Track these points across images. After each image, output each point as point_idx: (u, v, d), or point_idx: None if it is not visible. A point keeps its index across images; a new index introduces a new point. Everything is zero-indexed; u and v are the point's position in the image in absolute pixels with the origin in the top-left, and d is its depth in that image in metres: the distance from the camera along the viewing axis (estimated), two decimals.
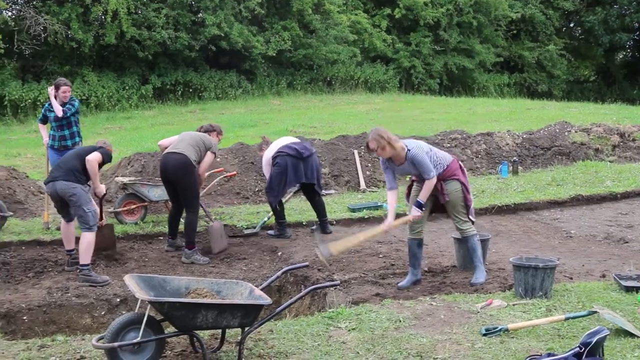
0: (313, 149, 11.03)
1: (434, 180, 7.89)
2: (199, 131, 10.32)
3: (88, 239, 8.79)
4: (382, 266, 9.08)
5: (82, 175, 8.81)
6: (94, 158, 8.83)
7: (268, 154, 10.81)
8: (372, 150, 7.82)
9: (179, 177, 9.68)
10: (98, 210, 9.24)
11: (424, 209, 7.99)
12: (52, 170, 9.16)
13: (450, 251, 9.45)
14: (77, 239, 9.27)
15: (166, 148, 9.99)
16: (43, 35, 27.21)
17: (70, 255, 9.41)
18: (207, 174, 10.58)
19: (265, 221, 11.31)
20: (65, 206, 8.92)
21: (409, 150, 7.83)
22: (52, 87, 11.17)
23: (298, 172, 10.61)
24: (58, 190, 8.72)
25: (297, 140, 11.12)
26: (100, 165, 9.03)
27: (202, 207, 10.54)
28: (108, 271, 9.37)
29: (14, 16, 27.88)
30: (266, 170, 10.89)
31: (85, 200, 8.73)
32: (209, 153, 9.84)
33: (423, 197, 7.90)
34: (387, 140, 7.70)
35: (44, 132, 11.37)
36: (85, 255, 8.81)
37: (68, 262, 9.44)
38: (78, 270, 8.97)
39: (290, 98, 30.87)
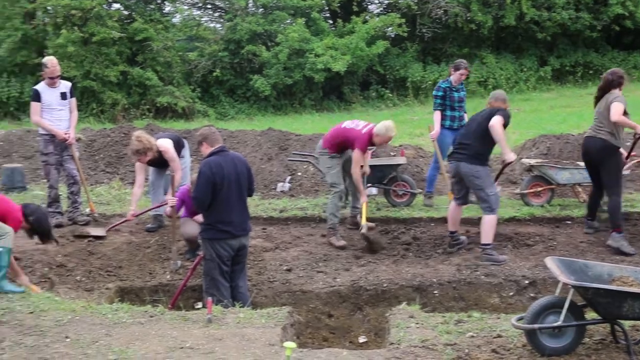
0: None
1: None
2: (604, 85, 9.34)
3: (489, 220, 8.94)
4: None
5: (484, 156, 8.94)
6: (497, 122, 8.71)
7: None
8: None
9: (600, 161, 9.34)
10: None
11: None
12: (453, 151, 9.37)
13: None
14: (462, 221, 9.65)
15: None
16: (444, 19, 28.08)
17: (451, 237, 9.56)
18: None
19: None
20: (462, 187, 9.13)
21: None
22: (452, 67, 11.36)
23: None
24: (461, 172, 8.99)
25: None
26: (505, 126, 8.88)
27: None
28: (516, 252, 9.41)
29: (416, 0, 28.97)
30: None
31: (488, 184, 8.87)
32: (614, 105, 8.92)
33: None
34: None
35: (439, 121, 11.15)
36: (487, 235, 8.97)
37: (449, 243, 9.62)
38: (481, 250, 9.13)
39: None
